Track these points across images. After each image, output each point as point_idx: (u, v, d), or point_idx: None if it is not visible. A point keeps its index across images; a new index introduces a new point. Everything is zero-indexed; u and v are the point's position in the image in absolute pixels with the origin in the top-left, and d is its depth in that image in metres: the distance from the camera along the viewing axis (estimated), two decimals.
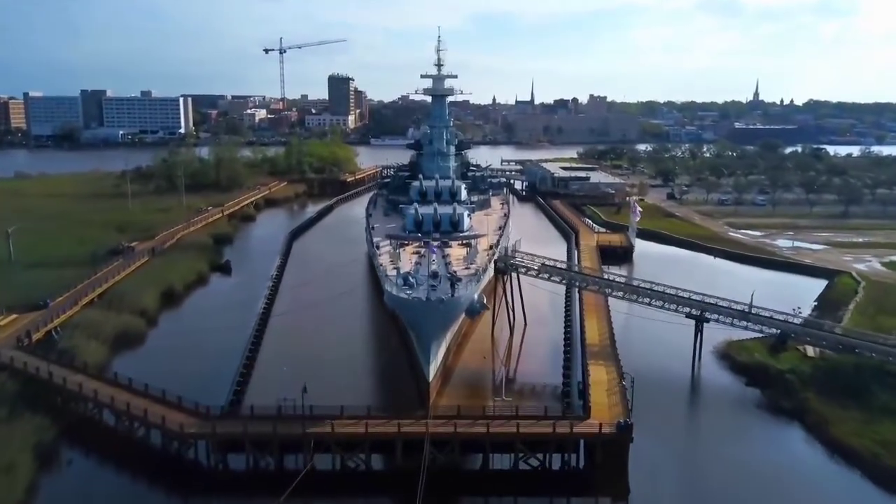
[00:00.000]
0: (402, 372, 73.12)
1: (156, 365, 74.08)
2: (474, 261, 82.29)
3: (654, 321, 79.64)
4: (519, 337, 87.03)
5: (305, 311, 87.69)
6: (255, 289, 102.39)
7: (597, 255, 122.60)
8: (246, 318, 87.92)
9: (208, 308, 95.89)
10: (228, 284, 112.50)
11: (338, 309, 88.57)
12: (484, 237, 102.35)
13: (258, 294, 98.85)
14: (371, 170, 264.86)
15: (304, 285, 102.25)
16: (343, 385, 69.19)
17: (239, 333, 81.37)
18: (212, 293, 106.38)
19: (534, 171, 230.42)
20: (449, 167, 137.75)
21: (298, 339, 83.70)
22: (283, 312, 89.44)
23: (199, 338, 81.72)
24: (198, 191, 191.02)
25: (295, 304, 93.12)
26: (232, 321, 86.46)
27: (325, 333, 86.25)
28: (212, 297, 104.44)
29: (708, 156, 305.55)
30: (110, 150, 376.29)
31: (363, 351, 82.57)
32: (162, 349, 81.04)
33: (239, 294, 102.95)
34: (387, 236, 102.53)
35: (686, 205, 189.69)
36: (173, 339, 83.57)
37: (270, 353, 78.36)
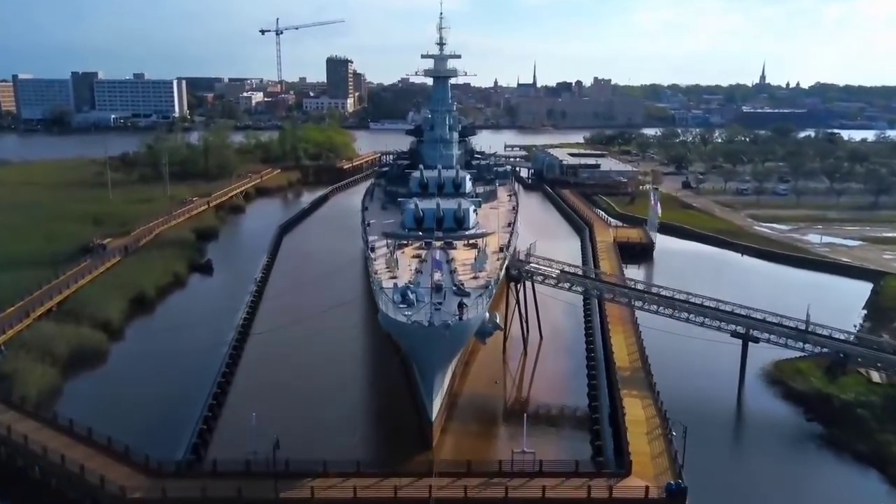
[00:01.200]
0: (400, 402, 62.12)
1: (110, 396, 63.40)
2: (483, 267, 71.33)
3: (688, 338, 68.63)
4: (534, 355, 75.95)
5: (290, 328, 76.94)
6: (237, 294, 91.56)
7: (615, 253, 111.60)
8: (223, 331, 77.07)
9: (182, 319, 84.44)
10: (208, 288, 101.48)
11: (328, 325, 77.20)
12: (492, 235, 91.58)
13: (239, 301, 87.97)
14: (370, 156, 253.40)
15: (291, 292, 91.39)
16: (330, 426, 58.12)
17: (212, 355, 70.34)
18: (188, 299, 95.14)
19: (540, 158, 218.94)
20: (452, 155, 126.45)
21: (279, 367, 70.88)
22: (265, 331, 78.16)
23: (165, 360, 70.93)
24: (186, 179, 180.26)
25: (279, 317, 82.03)
26: (206, 337, 75.67)
27: (310, 358, 73.61)
28: (188, 304, 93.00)
29: (720, 141, 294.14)
30: (102, 134, 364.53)
31: (356, 380, 69.71)
32: (120, 375, 69.73)
33: (219, 300, 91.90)
34: (383, 234, 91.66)
35: (703, 194, 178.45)
36: (135, 362, 72.22)
37: (244, 387, 65.85)
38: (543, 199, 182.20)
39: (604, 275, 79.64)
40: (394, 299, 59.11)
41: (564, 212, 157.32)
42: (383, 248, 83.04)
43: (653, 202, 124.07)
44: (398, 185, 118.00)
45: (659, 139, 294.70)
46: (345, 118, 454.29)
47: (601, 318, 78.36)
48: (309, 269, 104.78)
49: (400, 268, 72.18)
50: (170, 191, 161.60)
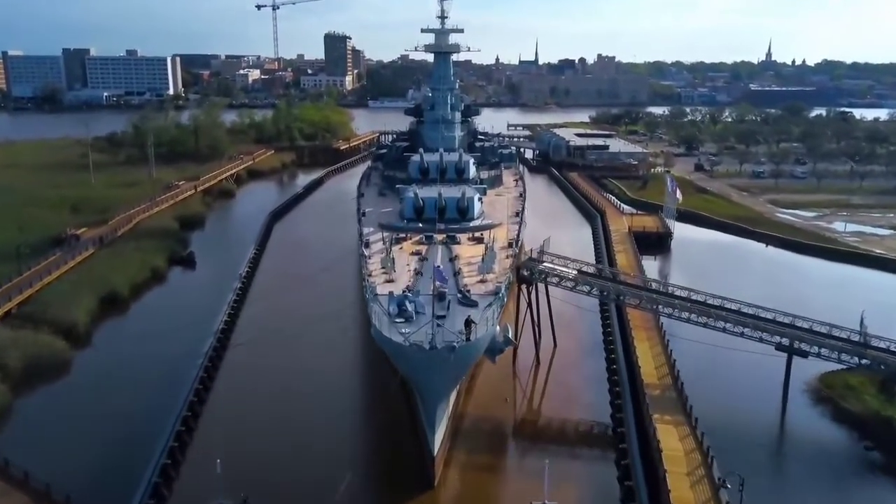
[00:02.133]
0: (399, 430, 53.91)
1: (62, 422, 54.98)
2: (492, 268, 63.03)
3: (718, 348, 60.51)
4: (547, 366, 67.71)
5: (273, 338, 68.97)
6: (220, 291, 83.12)
7: (631, 244, 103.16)
8: (200, 339, 68.68)
9: (156, 323, 75.77)
10: (189, 284, 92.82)
11: (317, 334, 69.06)
12: (499, 227, 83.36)
13: (221, 301, 79.75)
14: (368, 136, 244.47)
15: (278, 292, 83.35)
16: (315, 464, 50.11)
17: (183, 372, 61.72)
18: (166, 298, 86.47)
19: (545, 138, 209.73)
20: (454, 137, 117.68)
21: (258, 389, 61.31)
22: (244, 342, 70.05)
23: (131, 376, 62.32)
24: (174, 161, 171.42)
25: (262, 324, 74.17)
26: (179, 348, 66.99)
27: (294, 378, 63.47)
28: (165, 304, 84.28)
29: (730, 120, 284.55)
30: (94, 112, 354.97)
31: (346, 403, 60.26)
32: (79, 394, 60.96)
33: (199, 299, 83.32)
34: (380, 225, 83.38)
35: (717, 177, 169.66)
36: (98, 377, 63.47)
37: (214, 419, 56.18)
38: (550, 182, 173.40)
39: (626, 275, 70.96)
40: (389, 311, 50.93)
41: (573, 197, 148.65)
42: (379, 242, 74.78)
43: (669, 188, 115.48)
44: (396, 170, 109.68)
45: (667, 118, 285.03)
46: (343, 96, 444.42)
47: (622, 323, 70.28)
48: (300, 263, 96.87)
49: (397, 268, 63.93)
50: (155, 174, 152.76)
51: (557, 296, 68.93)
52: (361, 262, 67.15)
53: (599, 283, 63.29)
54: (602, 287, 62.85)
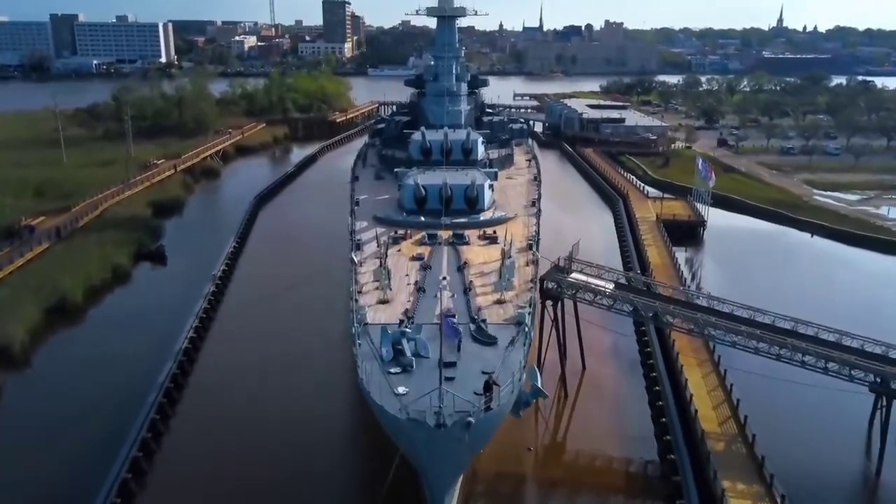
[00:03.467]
0: None
1: None
2: (511, 283, 50.96)
3: (792, 383, 48.67)
4: (576, 402, 55.91)
5: (248, 369, 57.23)
6: (191, 296, 71.30)
7: (662, 236, 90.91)
8: (156, 369, 56.91)
9: (108, 342, 63.20)
10: (155, 286, 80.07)
11: (299, 370, 57.38)
12: (513, 220, 71.30)
13: (192, 306, 68.03)
14: (367, 107, 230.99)
15: (256, 304, 71.49)
16: None
17: (130, 413, 50.32)
18: (125, 305, 73.71)
19: (556, 110, 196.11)
20: (460, 112, 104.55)
21: (215, 452, 48.03)
22: (215, 366, 58.24)
23: (67, 419, 50.79)
24: (157, 136, 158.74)
25: (236, 346, 62.49)
26: (130, 380, 55.28)
27: (265, 437, 49.29)
28: (123, 313, 71.28)
29: (747, 90, 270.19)
30: (83, 81, 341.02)
31: (329, 471, 46.94)
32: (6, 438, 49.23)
33: (167, 304, 70.90)
34: (375, 219, 71.37)
35: (743, 153, 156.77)
36: (27, 419, 51.28)
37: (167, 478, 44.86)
38: (562, 159, 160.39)
39: (672, 289, 58.43)
40: (381, 353, 39.08)
41: (589, 176, 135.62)
42: (372, 242, 62.63)
43: (701, 170, 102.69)
44: (395, 148, 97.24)
45: (681, 88, 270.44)
46: (342, 64, 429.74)
47: (663, 347, 58.52)
48: (286, 260, 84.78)
49: (394, 282, 51.97)
50: (134, 151, 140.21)
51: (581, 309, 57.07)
52: (351, 271, 55.14)
53: (644, 302, 51.14)
54: (647, 308, 50.77)
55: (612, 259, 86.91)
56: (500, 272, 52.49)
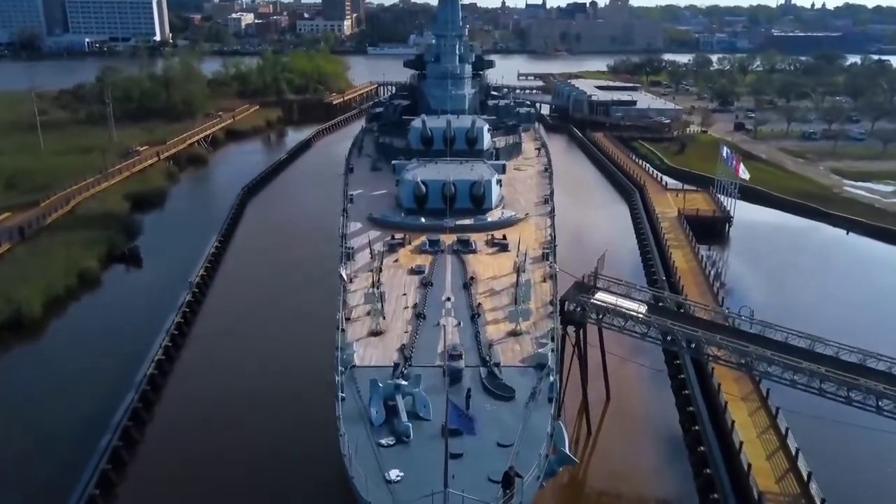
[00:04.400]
0: None
1: None
2: (528, 308, 42.90)
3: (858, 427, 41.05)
4: (603, 444, 48.26)
5: (217, 410, 49.46)
6: (166, 304, 63.56)
7: (686, 234, 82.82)
8: (121, 389, 49.52)
9: (69, 361, 55.64)
10: (128, 294, 71.54)
11: (282, 408, 49.61)
12: (524, 221, 63.54)
13: (164, 320, 60.28)
14: (365, 88, 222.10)
15: (239, 320, 63.49)
16: None
17: (85, 454, 42.92)
18: (92, 317, 65.72)
19: (564, 91, 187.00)
20: (464, 96, 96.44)
21: None
22: (182, 400, 50.66)
23: (17, 451, 43.58)
24: (144, 119, 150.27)
25: (206, 378, 54.57)
26: (93, 402, 48.17)
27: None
28: (89, 326, 63.35)
29: (760, 69, 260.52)
30: (75, 60, 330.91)
31: None
32: None
33: (136, 317, 63.09)
34: (370, 220, 63.63)
35: (762, 139, 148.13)
36: None
37: None
38: (570, 144, 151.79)
39: (711, 311, 50.27)
40: (371, 415, 31.38)
41: (602, 165, 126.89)
42: (366, 251, 54.77)
43: (726, 159, 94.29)
44: (394, 136, 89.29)
45: (691, 68, 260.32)
46: (341, 42, 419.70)
47: (699, 375, 50.72)
48: (272, 264, 76.57)
49: (389, 306, 44.15)
50: (118, 135, 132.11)
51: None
52: (339, 288, 47.26)
53: (686, 332, 43.00)
54: (689, 338, 42.86)
55: (632, 261, 79.18)
56: (514, 296, 44.62)
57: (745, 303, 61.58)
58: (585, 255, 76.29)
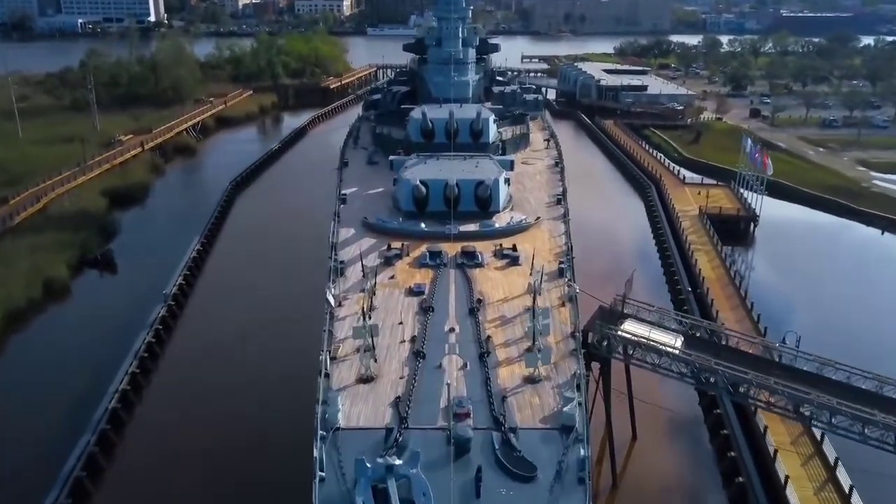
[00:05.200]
0: None
1: None
2: (546, 352, 36.11)
3: None
4: (630, 493, 41.73)
5: (191, 453, 43.07)
6: (139, 318, 57.13)
7: (710, 236, 76.05)
8: (78, 428, 43.15)
9: (31, 400, 48.94)
10: (97, 307, 63.99)
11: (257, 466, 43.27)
12: (536, 226, 57.03)
13: (132, 341, 53.77)
14: (364, 71, 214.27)
15: (219, 342, 56.75)
16: None
17: None
18: (55, 335, 58.63)
19: (570, 75, 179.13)
20: (467, 83, 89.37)
21: None
22: (152, 442, 44.12)
23: None
24: (133, 106, 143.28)
25: (180, 411, 48.08)
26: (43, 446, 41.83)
27: None
28: (51, 347, 56.36)
29: (773, 51, 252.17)
30: (67, 42, 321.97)
31: None
32: None
33: (103, 337, 56.49)
34: (363, 225, 57.16)
35: (780, 126, 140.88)
36: None
37: None
38: (578, 132, 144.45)
39: (751, 341, 43.41)
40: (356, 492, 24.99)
41: (613, 155, 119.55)
42: (357, 265, 48.19)
43: (750, 153, 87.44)
44: (392, 125, 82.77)
45: (700, 50, 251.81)
46: (340, 22, 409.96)
47: (742, 422, 44.15)
48: (258, 272, 69.69)
49: (381, 345, 37.53)
50: (103, 123, 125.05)
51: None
52: (325, 317, 40.67)
53: (732, 373, 36.17)
54: (737, 381, 36.23)
55: (651, 267, 72.47)
56: (529, 328, 38.02)
57: (783, 320, 55.65)
58: (600, 261, 70.20)
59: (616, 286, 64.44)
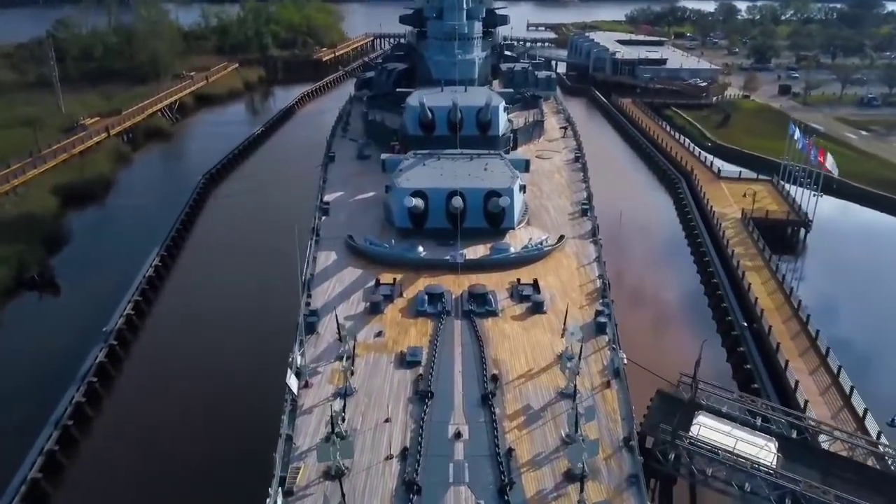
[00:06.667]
0: None
1: None
2: (595, 462, 25.45)
3: None
4: None
5: None
6: (73, 363, 46.23)
7: (756, 245, 64.44)
8: None
9: None
10: (28, 344, 51.64)
11: None
12: (559, 249, 46.09)
13: (62, 395, 42.93)
14: (360, 41, 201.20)
15: (168, 402, 45.33)
16: None
17: None
18: None
19: (581, 46, 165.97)
20: (473, 62, 77.66)
21: None
22: None
23: None
24: (106, 81, 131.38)
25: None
26: None
27: None
28: None
29: (794, 18, 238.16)
30: (53, 7, 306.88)
31: None
32: None
33: (29, 392, 45.37)
34: (347, 246, 46.27)
35: (813, 105, 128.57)
36: None
37: None
38: (591, 110, 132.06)
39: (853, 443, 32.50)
40: None
41: (636, 143, 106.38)
42: (332, 321, 36.92)
43: (797, 139, 75.64)
44: (386, 110, 71.69)
45: (718, 17, 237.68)
46: None
47: None
48: (228, 301, 57.83)
49: (359, 464, 26.71)
50: (70, 103, 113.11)
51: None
52: (284, 403, 29.71)
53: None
54: None
55: (689, 289, 61.18)
56: (565, 430, 27.16)
57: (873, 371, 44.69)
58: (628, 280, 59.27)
59: (654, 324, 53.55)
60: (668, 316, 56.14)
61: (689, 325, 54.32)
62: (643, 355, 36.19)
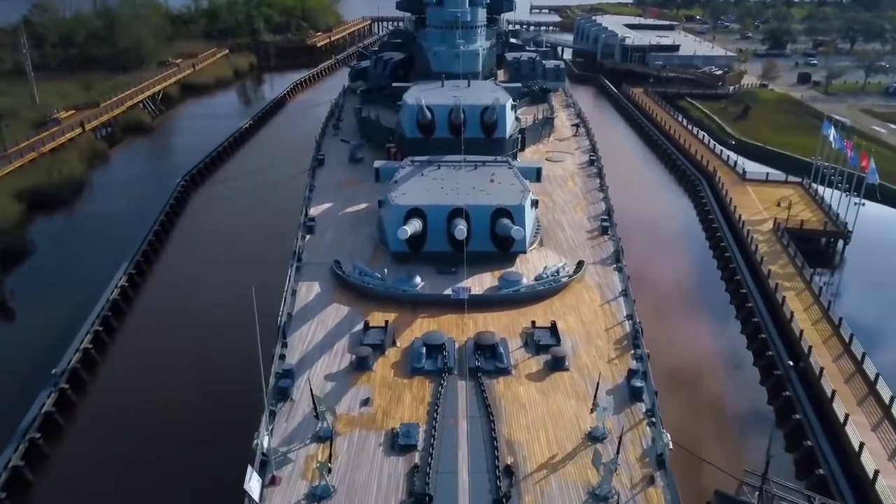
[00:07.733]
0: None
1: None
2: None
3: None
4: None
5: None
6: (20, 409, 39.90)
7: (793, 261, 57.71)
8: None
9: None
10: None
11: None
12: (578, 280, 39.64)
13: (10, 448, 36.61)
14: (357, 24, 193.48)
15: (128, 462, 38.63)
16: None
17: None
18: None
19: (588, 31, 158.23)
20: (476, 53, 70.98)
21: None
22: None
23: None
24: (88, 70, 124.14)
25: None
26: None
27: None
28: None
29: (808, 1, 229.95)
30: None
31: None
32: None
33: None
34: (333, 275, 39.96)
35: (835, 94, 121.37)
36: None
37: None
38: (600, 100, 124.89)
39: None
40: None
41: (651, 139, 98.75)
42: (307, 391, 29.99)
43: (832, 139, 68.87)
44: (380, 106, 65.32)
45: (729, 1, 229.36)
46: None
47: None
48: (204, 331, 50.61)
49: None
50: (44, 94, 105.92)
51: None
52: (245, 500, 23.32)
53: None
54: None
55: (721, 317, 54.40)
56: None
57: None
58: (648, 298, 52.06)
59: (685, 375, 46.12)
60: (700, 361, 48.23)
61: (719, 355, 47.77)
62: (677, 425, 29.59)
